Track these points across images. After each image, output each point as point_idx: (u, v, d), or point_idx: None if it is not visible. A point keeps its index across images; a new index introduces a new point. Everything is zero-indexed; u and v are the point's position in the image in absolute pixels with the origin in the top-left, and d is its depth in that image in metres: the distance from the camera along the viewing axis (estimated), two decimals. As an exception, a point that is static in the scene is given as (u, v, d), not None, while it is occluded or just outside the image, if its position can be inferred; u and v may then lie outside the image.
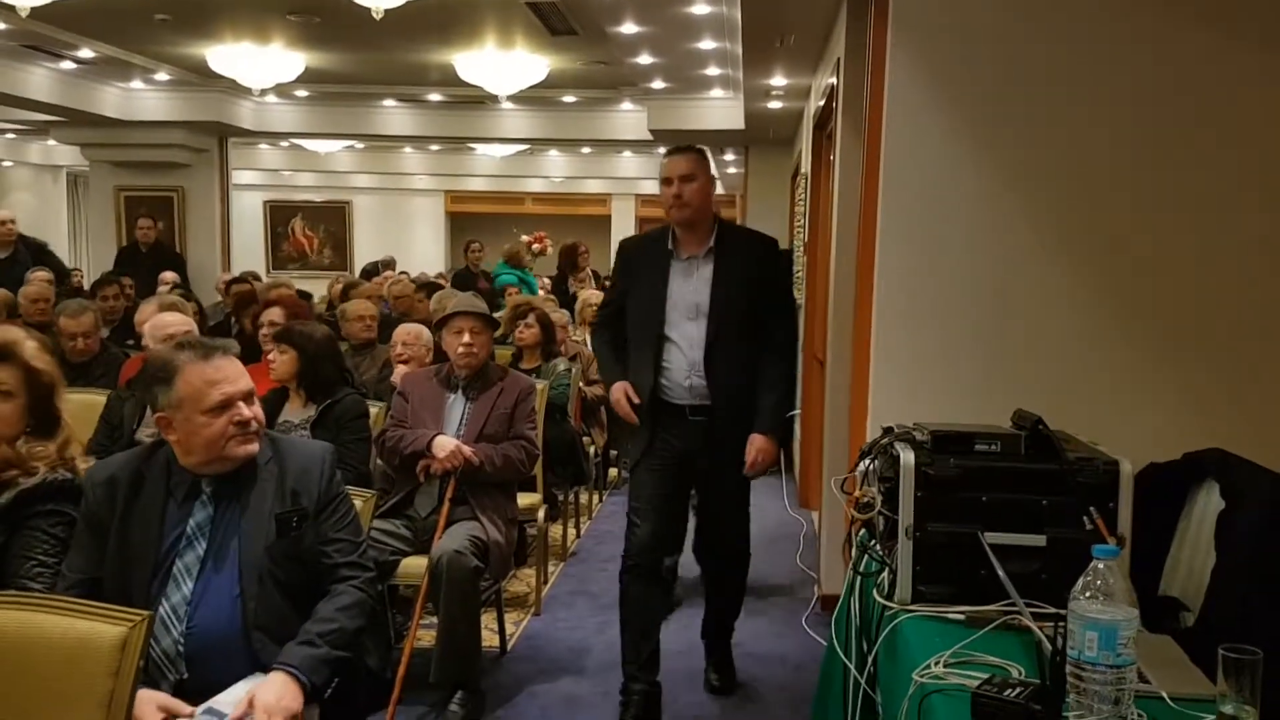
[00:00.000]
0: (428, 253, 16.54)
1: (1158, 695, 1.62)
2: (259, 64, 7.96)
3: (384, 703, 3.38)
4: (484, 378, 3.91)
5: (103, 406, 3.87)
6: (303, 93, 10.22)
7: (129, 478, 2.23)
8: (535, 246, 10.57)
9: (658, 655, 3.52)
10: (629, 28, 6.27)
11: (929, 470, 2.13)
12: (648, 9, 5.86)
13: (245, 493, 2.23)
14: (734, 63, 7.09)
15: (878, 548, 2.36)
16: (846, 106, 4.50)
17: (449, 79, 8.59)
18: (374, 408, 4.09)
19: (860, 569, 2.43)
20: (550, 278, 10.48)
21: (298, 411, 3.87)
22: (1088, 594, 1.40)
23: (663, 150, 3.59)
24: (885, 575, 2.26)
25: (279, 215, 16.80)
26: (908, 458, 2.15)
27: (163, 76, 9.22)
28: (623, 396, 3.47)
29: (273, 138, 12.87)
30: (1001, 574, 1.87)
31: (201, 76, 8.93)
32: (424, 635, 3.71)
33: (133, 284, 7.76)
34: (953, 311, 3.06)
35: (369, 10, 5.88)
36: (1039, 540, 2.08)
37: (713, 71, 7.70)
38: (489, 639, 4.02)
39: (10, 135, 13.13)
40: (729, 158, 11.80)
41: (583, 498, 6.07)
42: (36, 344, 2.44)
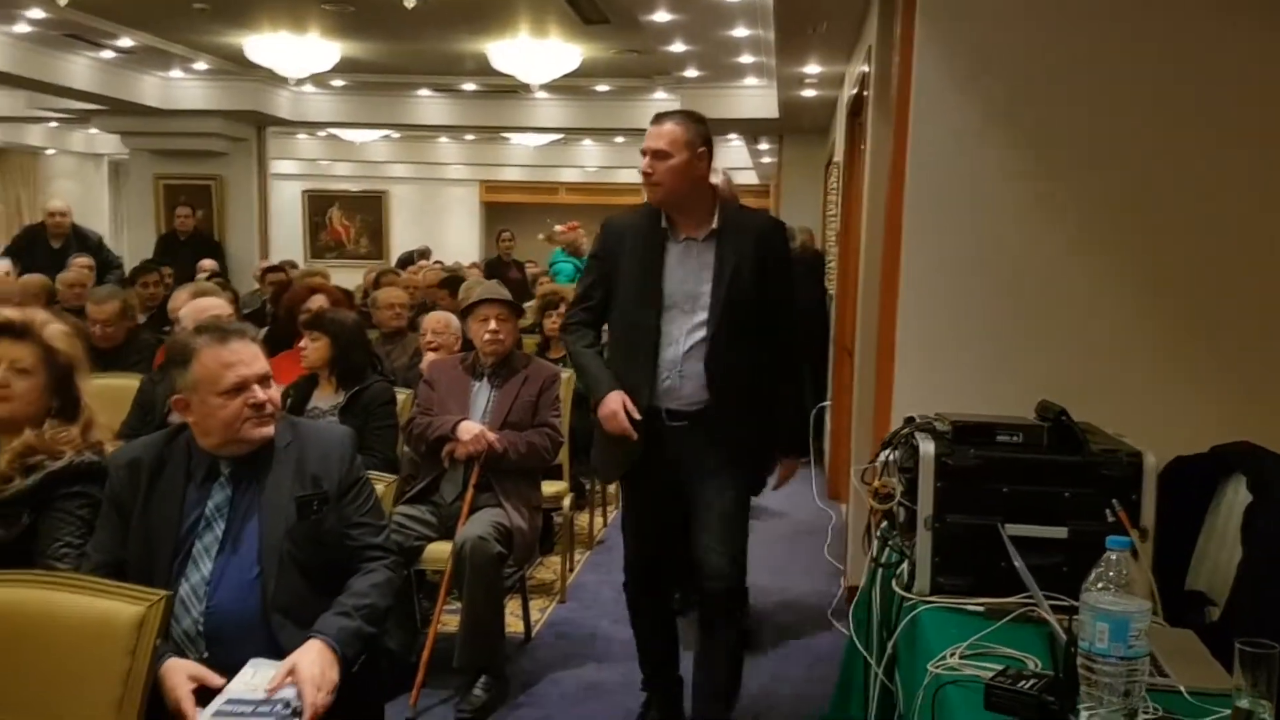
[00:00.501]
0: (462, 242, 16.62)
1: (1176, 689, 1.60)
2: (295, 53, 8.02)
3: (408, 685, 3.43)
4: (509, 365, 3.93)
5: (136, 391, 3.92)
6: (339, 82, 10.28)
7: (151, 461, 2.26)
8: (568, 235, 10.58)
9: (676, 652, 3.37)
10: (662, 16, 6.24)
11: (948, 461, 2.11)
12: (680, -3, 5.84)
13: (263, 475, 2.25)
14: (768, 50, 7.04)
15: (898, 539, 2.35)
16: (878, 94, 4.46)
17: (483, 68, 8.61)
18: (402, 395, 4.13)
19: (880, 560, 2.42)
20: (583, 267, 10.46)
21: (327, 398, 3.91)
22: (1100, 585, 1.38)
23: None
24: (905, 566, 2.25)
25: (317, 205, 16.96)
26: (927, 448, 2.13)
27: (201, 66, 9.31)
28: (621, 408, 2.98)
29: (309, 127, 12.97)
30: (1019, 565, 1.84)
31: (239, 66, 9.01)
32: (449, 620, 3.74)
33: (171, 272, 7.86)
34: (978, 302, 3.03)
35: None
36: (1060, 533, 2.06)
37: (746, 59, 7.65)
38: (514, 625, 4.04)
39: (53, 124, 13.34)
40: (763, 147, 11.74)
41: (610, 486, 6.08)
42: (62, 327, 2.47)
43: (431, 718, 3.41)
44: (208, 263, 9.14)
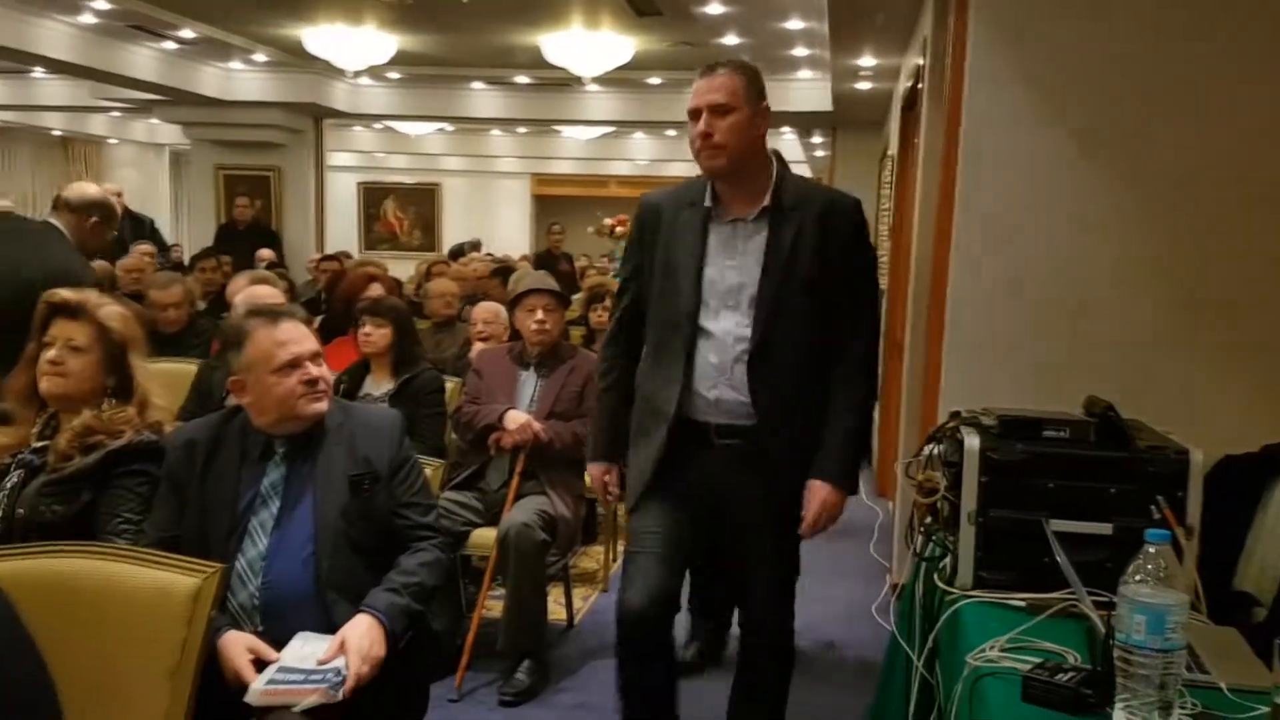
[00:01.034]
0: (513, 235, 16.73)
1: (1215, 685, 1.59)
2: (353, 46, 8.14)
3: (453, 668, 3.48)
4: (556, 356, 3.97)
5: (194, 375, 4.02)
6: (394, 75, 10.41)
7: (207, 441, 2.32)
8: (618, 229, 10.61)
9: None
10: (715, 8, 6.25)
11: (993, 455, 2.10)
12: (734, -11, 5.84)
13: (317, 454, 2.31)
14: (822, 43, 7.01)
15: (941, 533, 2.35)
16: (932, 87, 4.43)
17: (535, 61, 8.67)
18: (451, 383, 4.19)
19: (924, 554, 2.42)
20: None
21: (379, 385, 3.99)
22: (1138, 578, 1.38)
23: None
24: (947, 560, 2.25)
25: (372, 197, 17.18)
26: (972, 442, 2.12)
27: (260, 57, 9.48)
28: (600, 483, 2.67)
29: (365, 119, 13.14)
30: (1061, 560, 1.84)
31: (297, 58, 9.16)
32: (493, 606, 3.79)
33: (229, 260, 8.01)
34: (1028, 298, 3.01)
35: (457, -9, 5.97)
36: (1105, 529, 2.04)
37: (800, 52, 7.63)
38: (557, 613, 4.08)
39: (116, 114, 13.63)
40: (816, 140, 11.68)
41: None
42: (118, 308, 2.54)
43: (475, 699, 3.47)
44: (266, 252, 9.31)
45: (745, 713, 2.72)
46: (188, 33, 8.35)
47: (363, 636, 2.12)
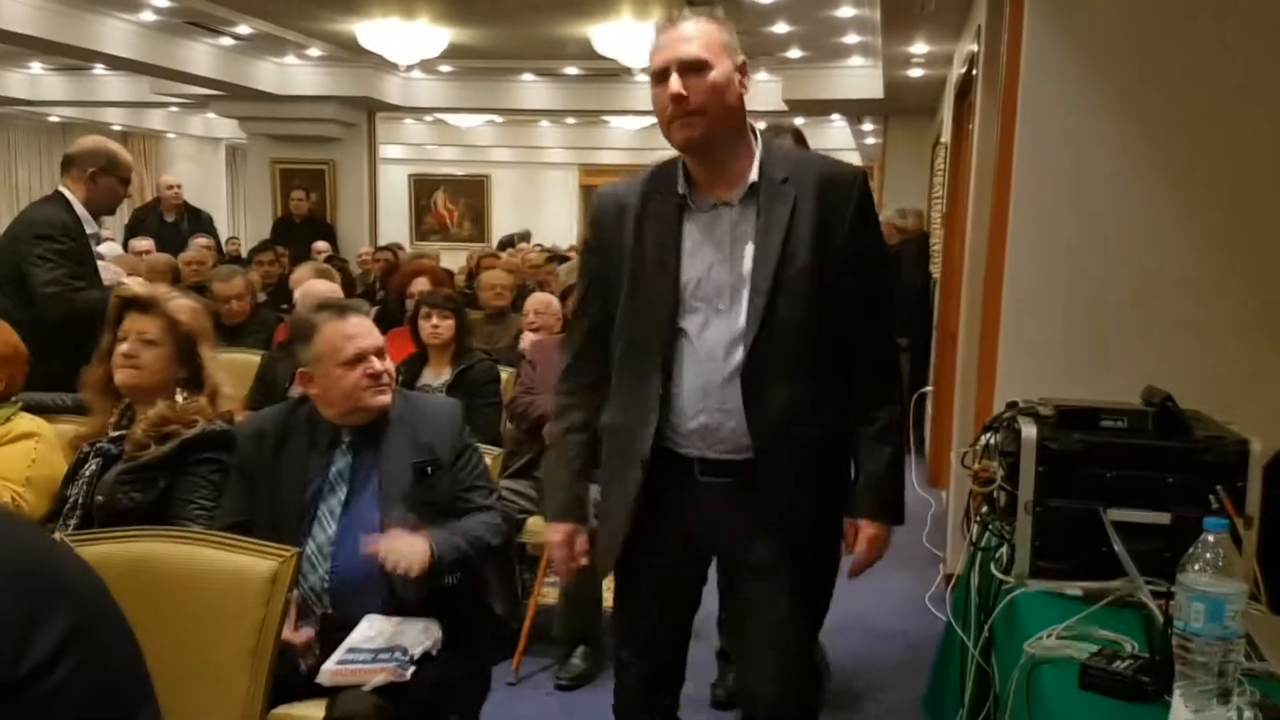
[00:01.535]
0: (561, 225, 16.80)
1: (1275, 675, 1.59)
2: (405, 40, 8.23)
3: (511, 652, 3.55)
4: (609, 346, 4.00)
5: (257, 366, 4.12)
6: (446, 68, 10.49)
7: (275, 431, 2.41)
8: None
9: None
10: (766, -2, 6.24)
11: (1051, 445, 2.11)
12: (785, -22, 5.83)
13: (381, 443, 2.39)
14: (873, 30, 6.96)
15: (998, 523, 2.36)
16: (987, 75, 4.40)
17: (585, 52, 8.70)
18: (505, 373, 4.25)
19: (980, 544, 2.43)
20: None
21: (437, 375, 4.06)
22: (1196, 566, 1.38)
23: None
24: (1004, 550, 2.26)
25: (422, 189, 17.35)
26: (1029, 432, 2.13)
27: (315, 52, 9.60)
28: (566, 548, 2.12)
29: (417, 112, 13.26)
30: (1119, 549, 1.85)
31: (351, 53, 9.27)
32: (549, 593, 3.86)
33: (286, 252, 8.16)
34: (1084, 288, 2.98)
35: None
36: (1163, 518, 2.04)
37: (851, 39, 7.58)
38: (610, 599, 4.12)
39: (174, 109, 13.86)
40: (867, 127, 11.60)
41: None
42: (188, 301, 2.63)
43: (532, 683, 3.54)
44: (322, 244, 9.45)
45: None
46: (244, 29, 8.49)
47: (401, 539, 2.20)
